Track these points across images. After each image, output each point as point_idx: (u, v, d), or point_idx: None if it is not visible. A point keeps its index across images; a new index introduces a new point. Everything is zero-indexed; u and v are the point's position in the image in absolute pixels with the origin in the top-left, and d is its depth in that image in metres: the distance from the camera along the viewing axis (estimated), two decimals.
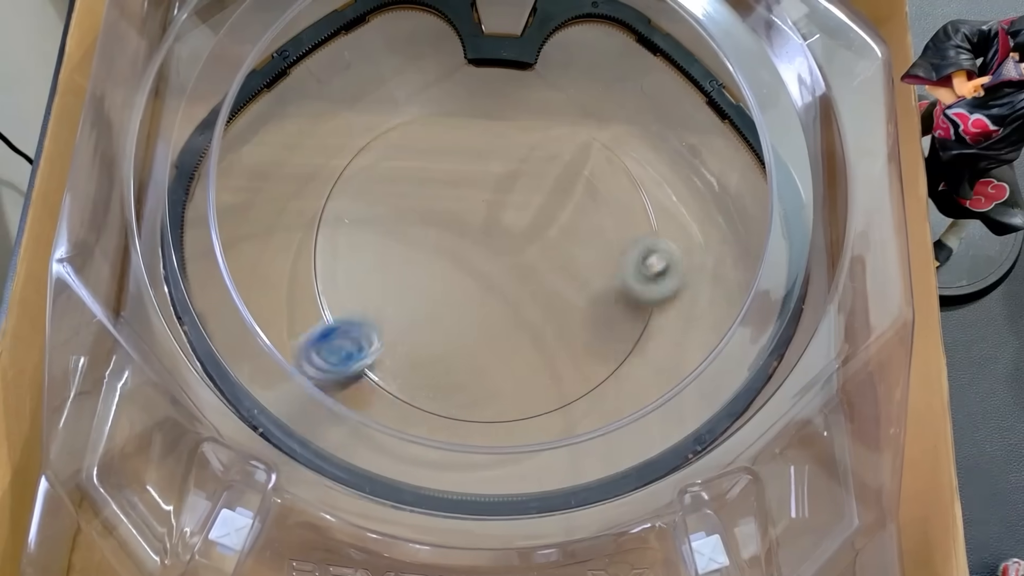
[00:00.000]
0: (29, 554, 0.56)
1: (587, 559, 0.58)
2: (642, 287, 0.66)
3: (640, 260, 0.66)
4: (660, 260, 0.65)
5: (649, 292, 0.66)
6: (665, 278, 0.66)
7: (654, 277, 0.65)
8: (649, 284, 0.66)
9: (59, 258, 0.59)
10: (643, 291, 0.66)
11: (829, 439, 0.61)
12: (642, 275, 0.66)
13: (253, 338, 0.60)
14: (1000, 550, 0.81)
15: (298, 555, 0.58)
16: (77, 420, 0.59)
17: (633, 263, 0.66)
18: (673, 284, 0.66)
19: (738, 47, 0.67)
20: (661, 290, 0.66)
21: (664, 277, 0.66)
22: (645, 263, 0.65)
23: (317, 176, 0.72)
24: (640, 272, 0.66)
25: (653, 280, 0.65)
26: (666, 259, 0.65)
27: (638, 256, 0.66)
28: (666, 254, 0.65)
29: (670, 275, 0.66)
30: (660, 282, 0.66)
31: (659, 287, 0.66)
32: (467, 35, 0.73)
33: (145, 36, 0.70)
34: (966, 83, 0.63)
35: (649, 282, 0.66)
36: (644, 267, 0.65)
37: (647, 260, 0.65)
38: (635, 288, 0.66)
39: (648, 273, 0.65)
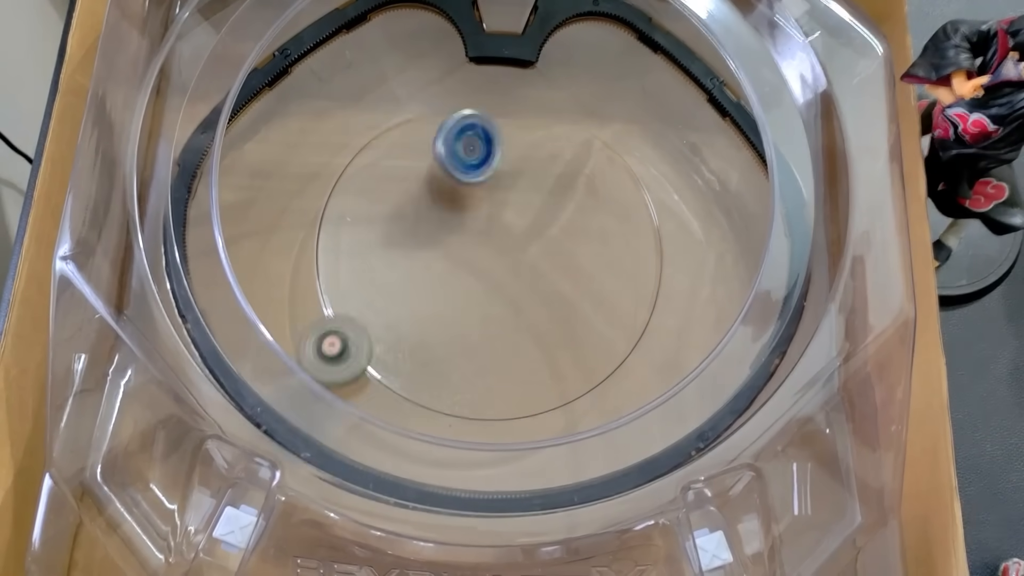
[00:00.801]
0: (34, 552, 0.56)
1: (591, 556, 0.59)
2: (322, 370, 0.64)
3: (317, 343, 0.64)
4: (336, 343, 0.64)
5: (329, 374, 0.64)
6: (344, 360, 0.65)
7: (333, 359, 0.64)
8: (330, 366, 0.64)
9: (62, 256, 0.59)
10: (324, 373, 0.64)
11: (831, 437, 0.61)
12: (321, 357, 0.64)
13: (256, 335, 0.59)
14: (1000, 550, 0.81)
15: (302, 552, 0.58)
16: (80, 418, 0.59)
17: (312, 347, 0.64)
18: (355, 366, 0.65)
19: (739, 45, 0.67)
20: (342, 373, 0.65)
21: (342, 359, 0.64)
22: (322, 346, 0.64)
23: (319, 174, 0.72)
24: (319, 354, 0.64)
25: (333, 362, 0.64)
26: (343, 341, 0.64)
27: (315, 339, 0.64)
28: (343, 336, 0.64)
29: (349, 357, 0.65)
30: (341, 364, 0.64)
31: (340, 369, 0.65)
32: (468, 33, 0.73)
33: (146, 35, 0.70)
34: (965, 83, 0.64)
35: (330, 364, 0.64)
36: (321, 350, 0.64)
37: (323, 342, 0.64)
38: (317, 371, 0.64)
39: (326, 355, 0.64)
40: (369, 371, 0.67)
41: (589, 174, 0.73)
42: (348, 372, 0.65)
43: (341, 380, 0.65)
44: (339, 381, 0.65)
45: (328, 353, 0.64)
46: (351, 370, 0.65)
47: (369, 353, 0.66)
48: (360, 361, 0.65)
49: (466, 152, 0.67)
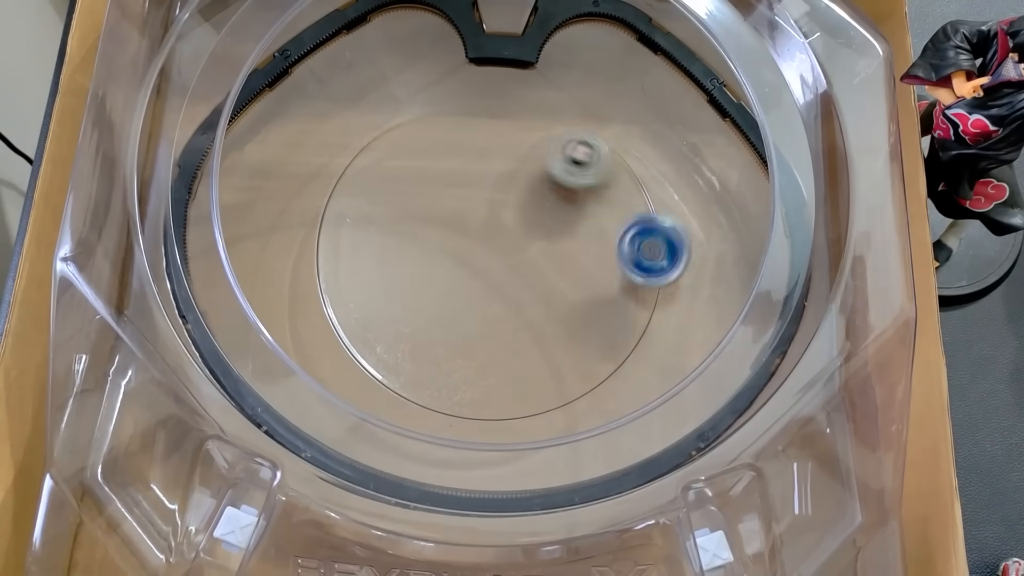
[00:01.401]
0: (34, 552, 0.56)
1: (591, 555, 0.58)
2: (564, 173, 0.68)
3: (565, 146, 0.67)
4: (583, 150, 0.67)
5: (571, 178, 0.68)
6: (588, 168, 0.68)
7: (577, 165, 0.67)
8: (572, 171, 0.68)
9: (63, 256, 0.60)
10: (564, 176, 0.68)
11: (831, 436, 0.61)
12: (566, 160, 0.67)
13: (256, 335, 0.60)
14: (1000, 550, 0.81)
15: (303, 553, 0.58)
16: (80, 418, 0.59)
17: (559, 148, 0.68)
18: (594, 175, 0.68)
19: (740, 46, 0.68)
20: (581, 179, 0.68)
21: (587, 167, 0.68)
22: (568, 149, 0.67)
23: (319, 175, 0.72)
24: (565, 157, 0.67)
25: (576, 167, 0.68)
26: (590, 152, 0.67)
27: (564, 142, 0.68)
28: (592, 148, 0.68)
29: (592, 167, 0.68)
30: (582, 171, 0.68)
31: (581, 176, 0.68)
32: (468, 34, 0.73)
33: (146, 36, 0.70)
34: (965, 83, 0.64)
35: (573, 169, 0.68)
36: (567, 153, 0.67)
37: (571, 148, 0.67)
38: (557, 172, 0.68)
39: (571, 159, 0.67)
40: (369, 371, 0.67)
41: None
42: (592, 177, 0.68)
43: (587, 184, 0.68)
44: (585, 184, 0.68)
45: (577, 158, 0.67)
46: (595, 176, 0.68)
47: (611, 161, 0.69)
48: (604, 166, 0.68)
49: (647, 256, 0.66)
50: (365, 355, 0.67)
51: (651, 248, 0.65)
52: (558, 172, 0.68)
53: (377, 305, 0.69)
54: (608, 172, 0.69)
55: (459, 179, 0.73)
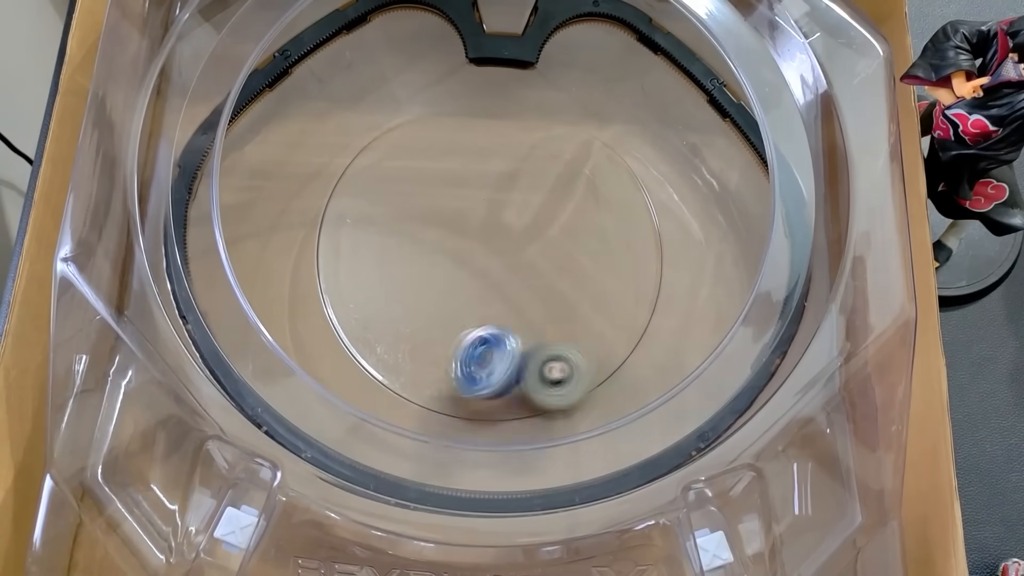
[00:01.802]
0: (35, 553, 0.56)
1: (591, 556, 0.58)
2: (540, 393, 0.64)
3: (540, 365, 0.63)
4: (560, 369, 0.63)
5: (548, 399, 0.64)
6: (565, 386, 0.64)
7: (553, 384, 0.63)
8: (549, 390, 0.63)
9: (63, 257, 0.60)
10: (541, 397, 0.64)
11: (831, 437, 0.61)
12: (541, 380, 0.63)
13: (256, 335, 0.60)
14: (1000, 550, 0.81)
15: (303, 553, 0.58)
16: (81, 418, 0.59)
17: (535, 367, 0.63)
18: (574, 394, 0.64)
19: (740, 46, 0.67)
20: (559, 400, 0.64)
21: (564, 385, 0.64)
22: (544, 368, 0.63)
23: (319, 175, 0.72)
24: (540, 377, 0.63)
25: (552, 386, 0.63)
26: (567, 369, 0.63)
27: (539, 361, 0.64)
28: (568, 364, 0.64)
29: (571, 383, 0.64)
30: (560, 389, 0.64)
31: (558, 395, 0.64)
32: (468, 34, 0.73)
33: (147, 36, 0.70)
34: (965, 84, 0.64)
35: (549, 387, 0.63)
36: (543, 372, 0.63)
37: (546, 366, 0.63)
38: (534, 393, 0.64)
39: (547, 379, 0.63)
40: (369, 371, 0.67)
41: (589, 175, 0.73)
42: (567, 399, 0.64)
43: (562, 405, 0.64)
44: (560, 406, 0.64)
45: (551, 377, 0.63)
46: (570, 397, 0.64)
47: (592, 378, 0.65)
48: (581, 385, 0.64)
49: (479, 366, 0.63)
50: (365, 355, 0.67)
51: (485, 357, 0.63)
52: (534, 393, 0.64)
53: (377, 305, 0.69)
54: (591, 384, 0.65)
55: (459, 179, 0.73)
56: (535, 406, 0.65)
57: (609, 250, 0.71)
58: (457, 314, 0.69)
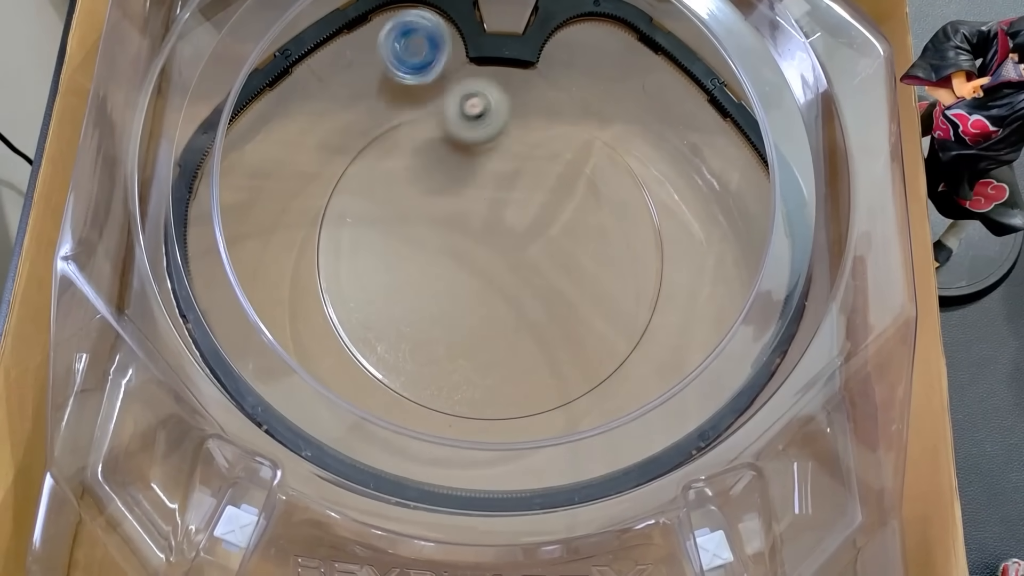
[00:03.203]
0: (35, 552, 0.56)
1: (591, 555, 0.58)
2: (464, 130, 0.68)
3: (461, 103, 0.67)
4: (479, 103, 0.67)
5: (471, 133, 0.68)
6: (485, 119, 0.68)
7: (475, 119, 0.68)
8: (471, 126, 0.68)
9: (63, 256, 0.60)
10: (465, 133, 0.68)
11: (832, 436, 0.61)
12: (463, 117, 0.68)
13: (257, 335, 0.60)
14: (1000, 550, 0.81)
15: (303, 552, 0.58)
16: (81, 417, 0.59)
17: (455, 106, 0.68)
18: (494, 126, 0.68)
19: (740, 45, 0.67)
20: (482, 132, 0.68)
21: (484, 119, 0.68)
22: (465, 105, 0.67)
23: (319, 175, 0.72)
24: (462, 114, 0.68)
25: (474, 121, 0.68)
26: (484, 103, 0.67)
27: (459, 99, 0.68)
28: (485, 98, 0.68)
29: (490, 118, 0.68)
30: (481, 124, 0.68)
31: (480, 129, 0.68)
32: (469, 34, 0.73)
33: (147, 35, 0.70)
34: (965, 84, 0.64)
35: (471, 124, 0.68)
36: (464, 109, 0.67)
37: (467, 103, 0.67)
38: (458, 131, 0.68)
39: (469, 115, 0.67)
40: (369, 370, 0.67)
41: (590, 174, 0.73)
42: (487, 131, 0.67)
43: (481, 138, 0.68)
44: (480, 139, 0.68)
45: (470, 113, 0.67)
46: (489, 129, 0.67)
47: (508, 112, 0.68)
48: (499, 119, 0.67)
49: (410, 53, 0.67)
50: (365, 354, 0.67)
51: (414, 45, 0.67)
52: (454, 128, 0.68)
53: (377, 304, 0.69)
54: (504, 122, 0.69)
55: (459, 179, 0.73)
56: (459, 141, 0.69)
57: (609, 250, 0.71)
58: (457, 314, 0.69)
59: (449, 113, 0.67)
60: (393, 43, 0.66)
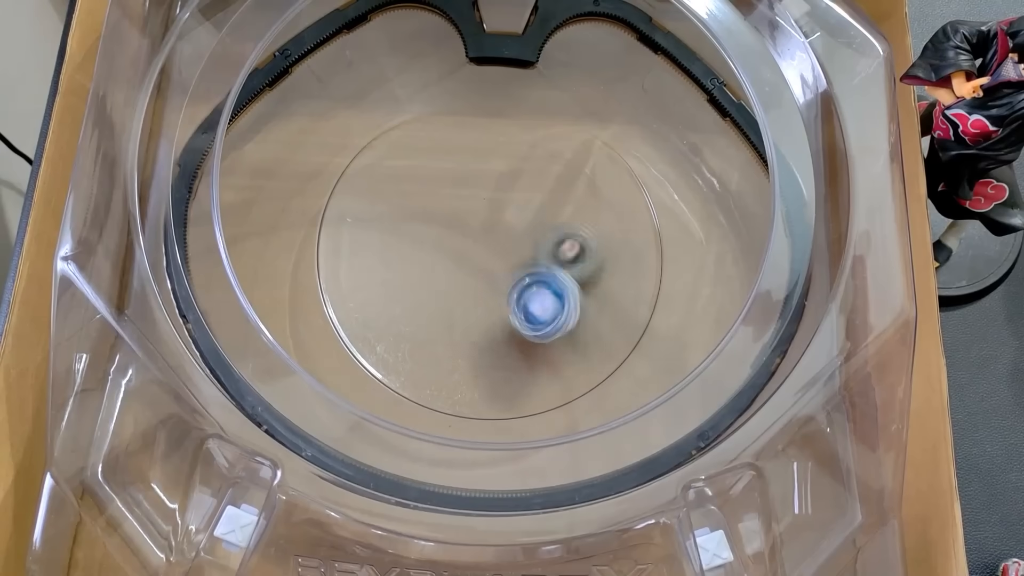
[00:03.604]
0: (35, 552, 0.56)
1: (591, 555, 0.58)
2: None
3: (555, 246, 0.68)
4: (573, 246, 0.67)
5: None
6: (581, 263, 0.68)
7: (570, 262, 0.67)
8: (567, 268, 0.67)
9: (63, 256, 0.60)
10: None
11: (832, 436, 0.61)
12: (557, 260, 0.67)
13: (257, 335, 0.60)
14: (1000, 550, 0.81)
15: (303, 552, 0.58)
16: (81, 417, 0.59)
17: (548, 249, 0.68)
18: (589, 268, 0.68)
19: (740, 45, 0.67)
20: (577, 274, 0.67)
21: (579, 262, 0.68)
22: (559, 249, 0.67)
23: (319, 175, 0.72)
24: (555, 257, 0.68)
25: (570, 264, 0.67)
26: (579, 244, 0.67)
27: (552, 242, 0.68)
28: (580, 239, 0.68)
29: (585, 259, 0.68)
30: (576, 267, 0.67)
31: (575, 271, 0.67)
32: (469, 34, 0.73)
33: (147, 35, 0.70)
34: (965, 84, 0.64)
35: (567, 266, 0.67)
36: (559, 253, 0.67)
37: (561, 246, 0.67)
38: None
39: (563, 259, 0.67)
40: (369, 370, 0.67)
41: (589, 174, 0.73)
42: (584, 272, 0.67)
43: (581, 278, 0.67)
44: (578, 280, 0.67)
45: (567, 256, 0.67)
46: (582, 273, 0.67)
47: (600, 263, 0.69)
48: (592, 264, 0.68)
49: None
50: (365, 354, 0.67)
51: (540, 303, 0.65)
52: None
53: (377, 304, 0.69)
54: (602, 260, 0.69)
55: (459, 178, 0.73)
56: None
57: (609, 250, 0.71)
58: (457, 314, 0.69)
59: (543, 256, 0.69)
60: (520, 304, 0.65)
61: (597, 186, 0.73)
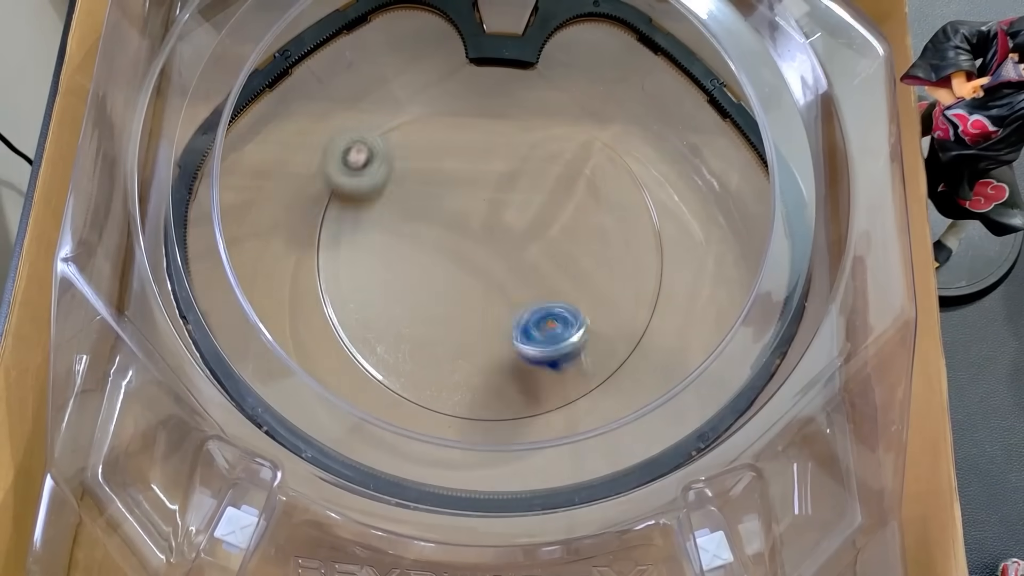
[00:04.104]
0: (35, 552, 0.56)
1: (591, 556, 0.58)
2: (348, 180, 0.68)
3: (342, 154, 0.67)
4: (360, 152, 0.67)
5: (355, 184, 0.68)
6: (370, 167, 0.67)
7: (359, 169, 0.67)
8: (354, 176, 0.67)
9: (64, 257, 0.60)
10: (349, 184, 0.68)
11: (831, 437, 0.61)
12: (346, 168, 0.67)
13: (257, 335, 0.60)
14: (1000, 550, 0.81)
15: (303, 553, 0.58)
16: (81, 418, 0.59)
17: (336, 158, 0.67)
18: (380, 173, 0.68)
19: (740, 46, 0.67)
20: (367, 181, 0.68)
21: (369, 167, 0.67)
22: (347, 157, 0.67)
23: (320, 175, 0.72)
24: (344, 165, 0.67)
25: (358, 172, 0.67)
26: (367, 151, 0.67)
27: (339, 150, 0.67)
28: (366, 146, 0.67)
29: (374, 165, 0.68)
30: (366, 173, 0.67)
31: (365, 178, 0.68)
32: (469, 34, 0.73)
33: (147, 36, 0.70)
34: (965, 84, 0.64)
35: (355, 174, 0.67)
36: (347, 161, 0.67)
37: (348, 154, 0.67)
38: (342, 182, 0.68)
39: (353, 166, 0.67)
40: (369, 371, 0.67)
41: (589, 175, 0.73)
42: (369, 181, 0.67)
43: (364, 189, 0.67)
44: (361, 190, 0.67)
45: (354, 163, 0.66)
46: (373, 180, 0.67)
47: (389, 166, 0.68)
48: (382, 171, 0.67)
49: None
50: (365, 355, 0.67)
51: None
52: (334, 176, 0.68)
53: (377, 305, 0.69)
54: (387, 173, 0.69)
55: (459, 179, 0.73)
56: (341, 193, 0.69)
57: (609, 250, 0.71)
58: (457, 314, 0.69)
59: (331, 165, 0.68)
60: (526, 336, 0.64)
61: (597, 187, 0.73)
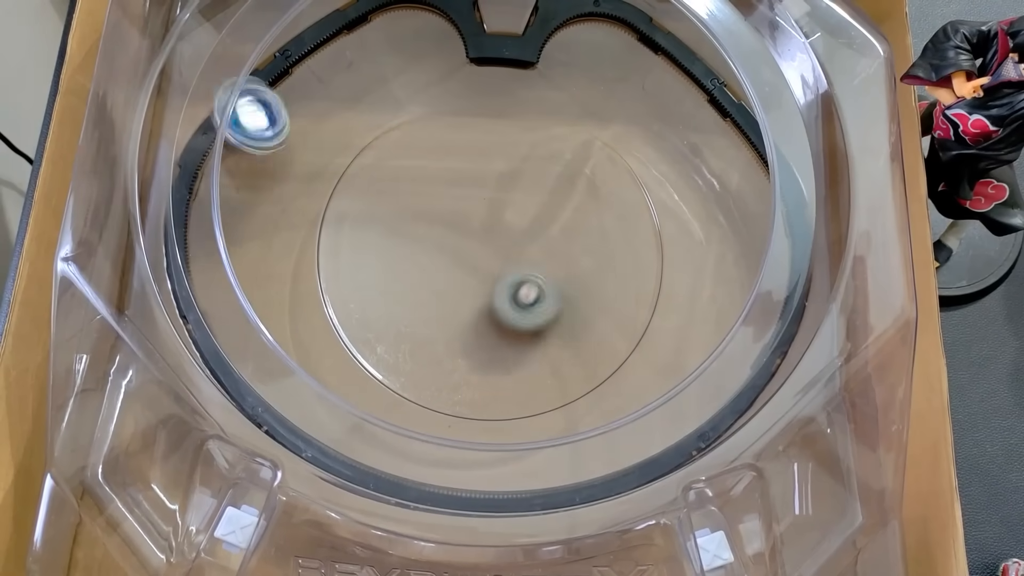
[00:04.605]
0: (35, 552, 0.56)
1: (591, 556, 0.58)
2: (518, 316, 0.67)
3: (513, 292, 0.67)
4: (531, 290, 0.67)
5: (525, 320, 0.67)
6: (539, 305, 0.67)
7: (529, 306, 0.67)
8: (525, 312, 0.67)
9: (64, 257, 0.59)
10: (519, 319, 0.67)
11: (832, 437, 0.61)
12: (517, 305, 0.67)
13: (257, 335, 0.60)
14: (1000, 550, 0.81)
15: (304, 553, 0.58)
16: (81, 418, 0.59)
17: (507, 294, 0.67)
18: (550, 310, 0.68)
19: (740, 46, 0.67)
20: (536, 318, 0.67)
21: (538, 305, 0.67)
22: (518, 295, 0.67)
23: (320, 175, 0.72)
24: (515, 303, 0.67)
25: (528, 309, 0.67)
26: (536, 290, 0.67)
27: (510, 288, 0.67)
28: (535, 285, 0.67)
29: (544, 302, 0.67)
30: (535, 310, 0.67)
31: (534, 315, 0.67)
32: (469, 34, 0.73)
33: (147, 36, 0.70)
34: (965, 84, 0.64)
35: (525, 311, 0.67)
36: (517, 298, 0.67)
37: (519, 292, 0.67)
38: (512, 318, 0.67)
39: (522, 303, 0.67)
40: (369, 371, 0.67)
41: (589, 174, 0.73)
42: (541, 318, 0.67)
43: (534, 326, 0.67)
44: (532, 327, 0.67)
45: (524, 301, 0.67)
46: (540, 318, 0.67)
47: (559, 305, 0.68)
48: (551, 311, 0.67)
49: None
50: (365, 355, 0.67)
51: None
52: (503, 310, 0.67)
53: (377, 305, 0.69)
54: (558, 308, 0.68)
55: (459, 179, 0.73)
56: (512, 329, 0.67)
57: (609, 250, 0.71)
58: (457, 314, 0.69)
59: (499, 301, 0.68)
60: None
61: (597, 186, 0.73)
